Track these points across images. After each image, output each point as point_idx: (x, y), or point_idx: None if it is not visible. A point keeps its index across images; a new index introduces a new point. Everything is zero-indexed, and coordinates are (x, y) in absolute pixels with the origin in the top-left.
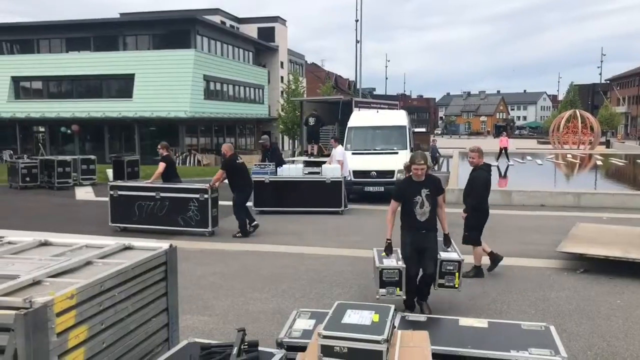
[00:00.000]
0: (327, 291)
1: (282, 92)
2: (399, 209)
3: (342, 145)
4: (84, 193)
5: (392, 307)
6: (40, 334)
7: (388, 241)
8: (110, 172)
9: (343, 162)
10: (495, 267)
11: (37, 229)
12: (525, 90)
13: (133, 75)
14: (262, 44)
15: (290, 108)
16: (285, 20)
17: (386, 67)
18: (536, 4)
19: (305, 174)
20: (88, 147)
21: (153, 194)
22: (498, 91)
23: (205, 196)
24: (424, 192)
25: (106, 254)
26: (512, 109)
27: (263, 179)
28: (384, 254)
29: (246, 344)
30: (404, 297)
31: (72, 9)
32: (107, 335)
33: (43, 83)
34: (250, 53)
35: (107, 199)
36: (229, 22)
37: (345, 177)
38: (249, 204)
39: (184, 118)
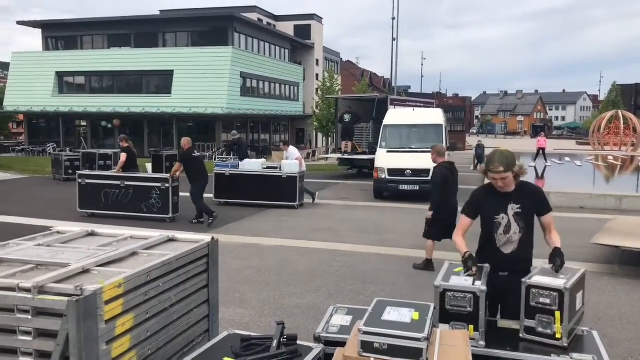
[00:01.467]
0: (361, 288)
1: (316, 90)
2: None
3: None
4: None
5: (432, 305)
6: (90, 320)
7: (466, 254)
8: (149, 166)
9: (301, 159)
10: (420, 268)
11: (79, 220)
12: (564, 90)
13: (172, 71)
14: (298, 42)
15: (325, 105)
16: (321, 18)
17: (422, 65)
18: (579, 1)
19: (264, 168)
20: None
21: (118, 182)
22: (536, 91)
23: (167, 185)
24: (512, 209)
25: (151, 245)
26: (551, 109)
27: (224, 172)
28: (459, 269)
29: (285, 337)
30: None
31: (114, 6)
32: (152, 324)
33: (86, 78)
34: (286, 50)
35: None
36: (266, 20)
37: (303, 173)
38: (210, 195)
39: (220, 114)
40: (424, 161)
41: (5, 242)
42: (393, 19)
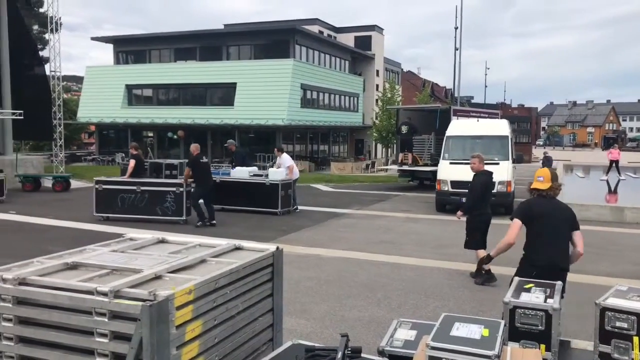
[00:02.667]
0: (423, 302)
1: (377, 100)
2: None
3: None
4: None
5: (502, 322)
6: (162, 325)
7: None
8: None
9: (292, 167)
10: (482, 283)
11: (147, 227)
12: (639, 100)
13: (235, 84)
14: (358, 53)
15: (385, 116)
16: (382, 29)
17: (485, 75)
18: None
19: (251, 176)
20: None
21: (134, 187)
22: (608, 100)
23: (181, 189)
24: None
25: (218, 253)
26: (624, 120)
27: (215, 179)
28: (530, 285)
29: (349, 349)
30: None
31: (181, 21)
32: (219, 331)
33: (153, 91)
34: (347, 61)
35: None
36: (326, 32)
37: (294, 180)
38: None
39: (281, 125)
40: None
41: (82, 247)
42: (456, 28)
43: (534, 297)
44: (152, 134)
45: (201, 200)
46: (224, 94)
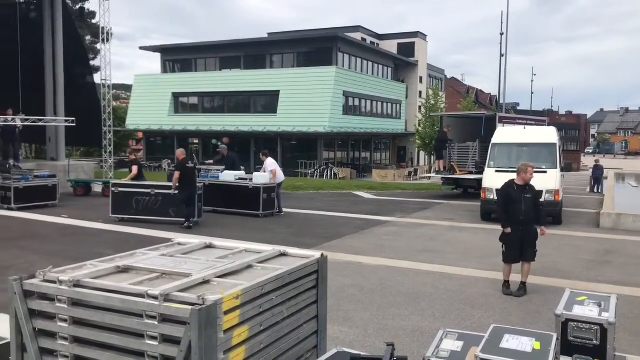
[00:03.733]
0: (468, 313)
1: (420, 107)
2: None
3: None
4: None
5: (555, 335)
6: (210, 329)
7: None
8: None
9: (276, 171)
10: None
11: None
12: None
13: (278, 91)
14: (401, 60)
15: (429, 123)
16: (425, 35)
17: (532, 81)
18: None
19: (237, 179)
20: (236, 158)
21: (149, 190)
22: None
23: (196, 193)
24: None
25: (264, 259)
26: None
27: (204, 182)
28: (582, 297)
29: (395, 358)
30: None
31: (226, 30)
32: (265, 337)
33: (199, 99)
34: (390, 68)
35: None
36: (369, 39)
37: (278, 184)
38: None
39: (323, 133)
40: (537, 182)
41: (132, 251)
42: (502, 34)
43: (588, 310)
44: (197, 141)
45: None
46: (267, 101)
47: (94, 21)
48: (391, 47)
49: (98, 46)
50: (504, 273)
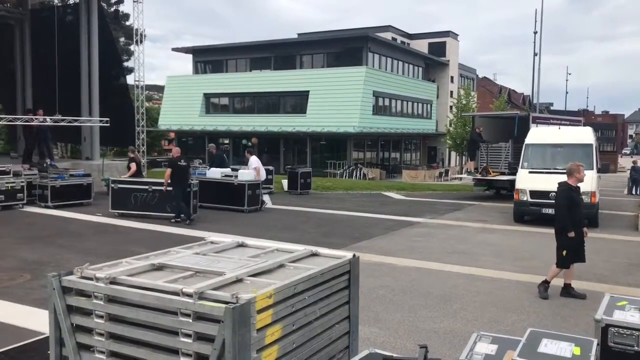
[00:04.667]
0: (501, 316)
1: (451, 107)
2: None
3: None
4: None
5: (595, 340)
6: (243, 328)
7: None
8: (285, 182)
9: (259, 169)
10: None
11: (225, 232)
12: None
13: (307, 92)
14: (432, 59)
15: (460, 123)
16: (457, 35)
17: (566, 80)
18: None
19: (223, 177)
20: (264, 159)
21: (146, 187)
22: None
23: (188, 190)
24: None
25: (296, 258)
26: None
27: (193, 179)
28: (623, 302)
29: None
30: None
31: (256, 31)
32: (297, 337)
33: (229, 99)
34: (420, 68)
35: (284, 207)
36: (400, 39)
37: (260, 181)
38: None
39: (352, 133)
40: None
41: (166, 249)
42: (535, 32)
43: (629, 315)
44: (227, 141)
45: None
46: (297, 102)
47: (127, 23)
48: (422, 46)
49: (132, 48)
50: (566, 276)
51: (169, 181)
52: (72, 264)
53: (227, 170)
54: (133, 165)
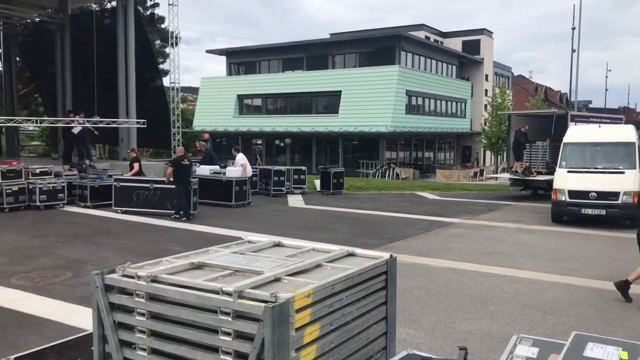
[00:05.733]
0: (540, 319)
1: (485, 106)
2: None
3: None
4: (295, 201)
5: None
6: (283, 327)
7: None
8: (317, 183)
9: (245, 166)
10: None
11: (260, 231)
12: None
13: (340, 92)
14: (466, 57)
15: (495, 122)
16: (491, 32)
17: (606, 77)
18: None
19: (212, 173)
20: (297, 159)
21: (148, 185)
22: None
23: (188, 187)
24: None
25: (332, 258)
26: None
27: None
28: None
29: None
30: None
31: (289, 32)
32: (335, 337)
33: (262, 100)
34: (454, 67)
35: (316, 207)
36: (433, 37)
37: (247, 178)
38: None
39: (385, 132)
40: (613, 183)
41: (205, 248)
42: (573, 29)
43: None
44: (260, 142)
45: None
46: (329, 102)
47: (163, 26)
48: (455, 44)
49: (167, 50)
50: (635, 274)
51: (171, 179)
52: (110, 262)
53: (216, 168)
54: (136, 165)
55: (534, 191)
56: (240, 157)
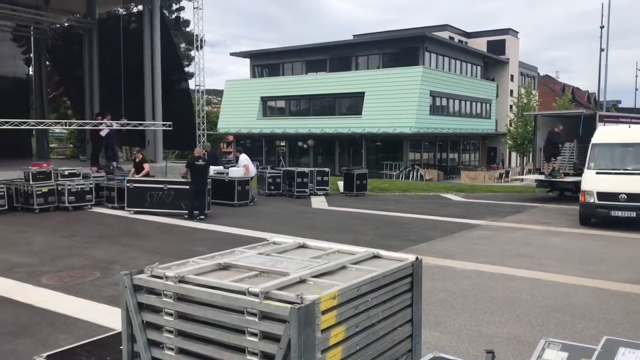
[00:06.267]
0: (568, 323)
1: (511, 107)
2: None
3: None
4: (318, 202)
5: None
6: (308, 328)
7: None
8: (341, 184)
9: (248, 166)
10: None
11: (284, 232)
12: None
13: (363, 93)
14: (491, 58)
15: (521, 123)
16: (517, 32)
17: (636, 76)
18: None
19: (215, 173)
20: (320, 160)
21: (162, 185)
22: None
23: (203, 187)
24: None
25: (357, 260)
26: None
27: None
28: None
29: None
30: None
31: (313, 34)
32: (360, 339)
33: (285, 102)
34: (479, 67)
35: (340, 208)
36: (457, 37)
37: (250, 178)
38: None
39: (408, 134)
40: None
41: (231, 249)
42: (602, 27)
43: None
44: (283, 143)
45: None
46: (352, 103)
47: (188, 29)
48: (480, 45)
49: (192, 53)
50: None
51: (186, 177)
52: (138, 263)
53: (220, 168)
54: (146, 166)
55: (561, 193)
56: (244, 158)
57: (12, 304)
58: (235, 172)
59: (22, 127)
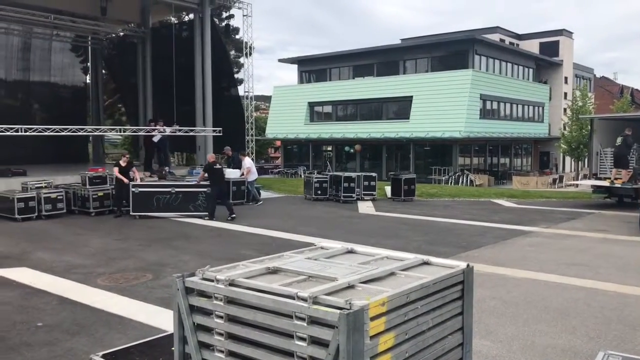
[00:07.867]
0: (629, 335)
1: (565, 110)
2: None
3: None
4: (365, 207)
5: None
6: (357, 334)
7: None
8: (388, 189)
9: (250, 169)
10: None
11: (330, 237)
12: None
13: (411, 97)
14: (544, 60)
15: (576, 127)
16: (571, 33)
17: None
18: None
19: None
20: (367, 165)
21: (169, 189)
22: None
23: (222, 189)
24: None
25: (407, 266)
26: None
27: (195, 179)
28: None
29: None
30: None
31: (360, 39)
32: (409, 346)
33: (332, 107)
34: (531, 69)
35: (387, 214)
36: (508, 40)
37: (249, 181)
38: None
39: (458, 138)
40: None
41: (279, 253)
42: None
43: None
44: (330, 148)
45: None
46: (400, 107)
47: (237, 36)
48: (532, 47)
49: (241, 60)
50: None
51: (201, 182)
52: (189, 265)
53: (236, 172)
54: (135, 170)
55: (620, 199)
56: (248, 161)
57: (70, 304)
58: (231, 174)
59: (80, 133)
